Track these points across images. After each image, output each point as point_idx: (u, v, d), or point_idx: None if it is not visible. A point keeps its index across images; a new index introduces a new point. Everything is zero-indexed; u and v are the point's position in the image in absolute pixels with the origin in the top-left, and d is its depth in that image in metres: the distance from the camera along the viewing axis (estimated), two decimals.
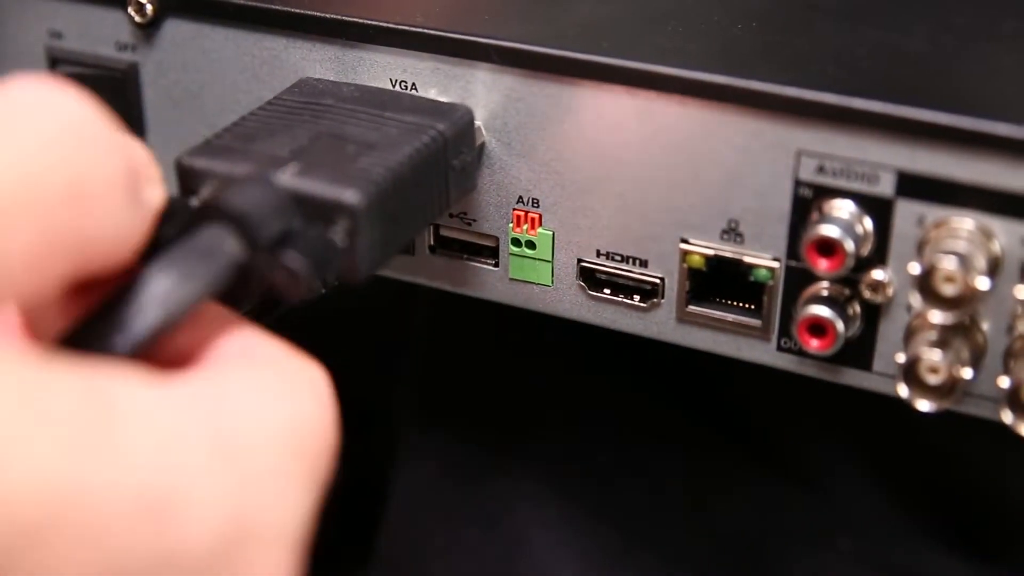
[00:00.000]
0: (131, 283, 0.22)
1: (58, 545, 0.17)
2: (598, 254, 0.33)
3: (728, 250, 0.31)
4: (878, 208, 0.29)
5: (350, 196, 0.27)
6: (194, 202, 0.26)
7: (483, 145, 0.33)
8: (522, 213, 0.33)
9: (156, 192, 0.23)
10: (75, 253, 0.20)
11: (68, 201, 0.20)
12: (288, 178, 0.27)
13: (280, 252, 0.24)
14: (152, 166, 0.24)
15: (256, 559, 0.19)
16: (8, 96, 0.21)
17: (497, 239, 0.34)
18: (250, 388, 0.21)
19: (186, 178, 0.28)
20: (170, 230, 0.24)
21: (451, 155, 0.31)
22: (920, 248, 0.29)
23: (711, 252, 0.32)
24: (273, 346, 0.23)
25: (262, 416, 0.21)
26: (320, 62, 0.34)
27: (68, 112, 0.21)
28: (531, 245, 0.34)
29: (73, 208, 0.20)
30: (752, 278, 0.31)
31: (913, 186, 0.29)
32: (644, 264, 0.33)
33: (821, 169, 0.30)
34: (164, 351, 0.22)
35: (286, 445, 0.21)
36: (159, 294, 0.22)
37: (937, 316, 0.29)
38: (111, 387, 0.19)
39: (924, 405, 0.30)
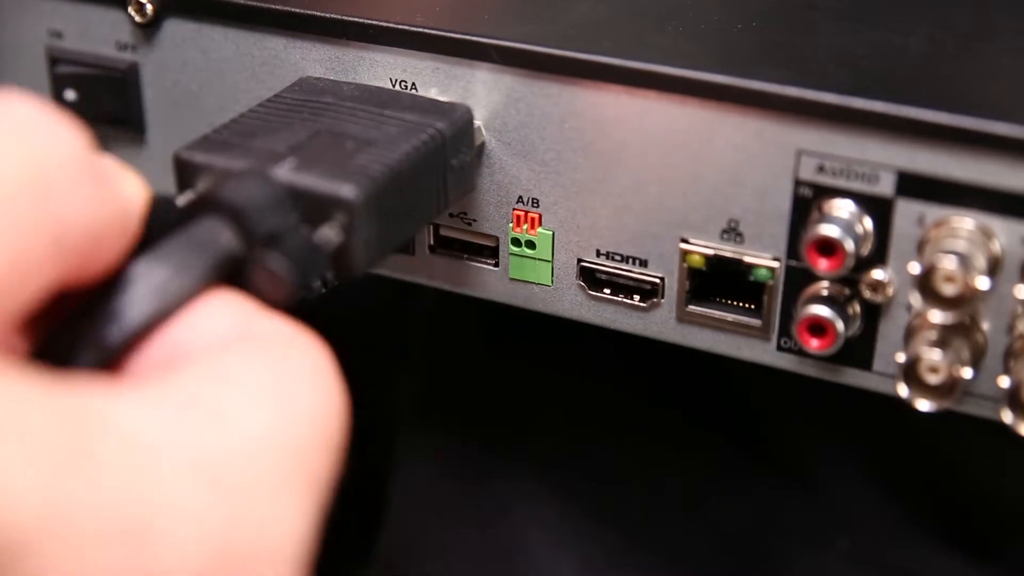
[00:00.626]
0: (123, 275, 0.22)
1: (31, 572, 0.16)
2: (598, 254, 0.33)
3: (728, 250, 0.31)
4: (878, 208, 0.29)
5: (347, 191, 0.27)
6: (183, 200, 0.26)
7: (483, 145, 0.33)
8: (522, 213, 0.33)
9: (135, 188, 0.22)
10: (54, 245, 0.20)
11: (31, 185, 0.20)
12: (285, 173, 0.27)
13: (265, 254, 0.24)
14: (123, 168, 0.23)
15: None
16: None
17: (497, 239, 0.34)
18: (238, 388, 0.20)
19: (184, 172, 0.28)
20: (162, 231, 0.23)
21: (450, 154, 0.31)
22: (920, 248, 0.29)
23: (711, 252, 0.32)
24: (267, 323, 0.22)
25: (251, 422, 0.20)
26: (320, 62, 0.34)
27: (20, 111, 0.21)
28: (531, 245, 0.34)
29: (39, 191, 0.20)
30: (752, 278, 0.31)
31: (913, 186, 0.29)
32: (644, 264, 0.33)
33: (821, 169, 0.30)
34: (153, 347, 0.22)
35: (280, 453, 0.20)
36: (155, 284, 0.22)
37: (937, 316, 0.29)
38: (88, 403, 0.18)
39: (924, 405, 0.30)
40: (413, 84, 0.33)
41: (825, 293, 0.30)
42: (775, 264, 0.31)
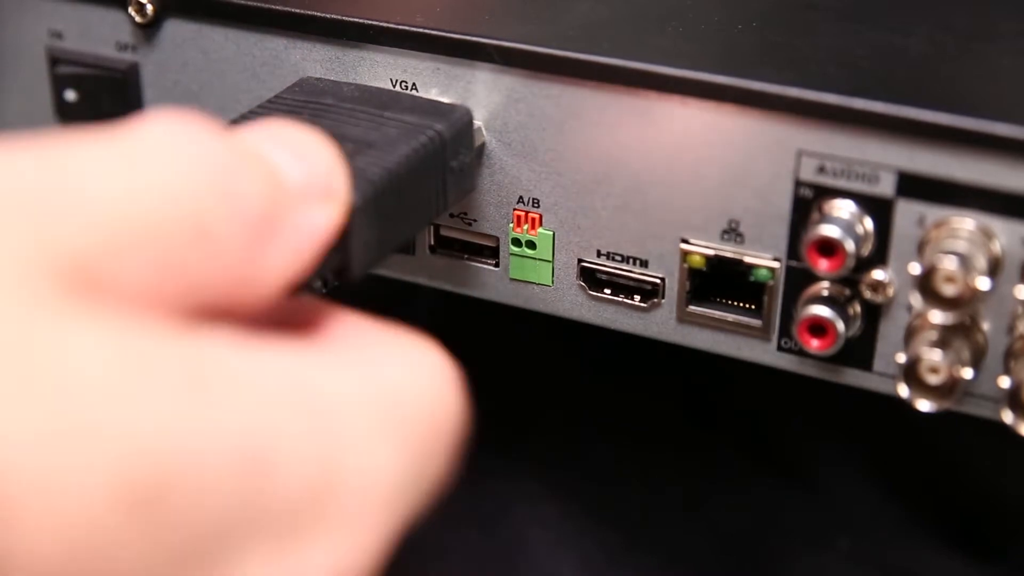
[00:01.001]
0: None
1: (163, 511, 0.17)
2: (598, 254, 0.33)
3: (728, 250, 0.31)
4: (878, 208, 0.29)
5: None
6: None
7: (483, 145, 0.33)
8: (522, 213, 0.33)
9: (315, 216, 0.22)
10: (193, 292, 0.20)
11: (186, 241, 0.20)
12: None
13: None
14: (322, 180, 0.23)
15: (346, 509, 0.20)
16: (140, 129, 0.20)
17: (497, 239, 0.34)
18: (350, 358, 0.21)
19: None
20: None
21: (449, 155, 0.31)
22: (920, 248, 0.29)
23: (711, 252, 0.32)
24: (384, 330, 0.23)
25: (356, 381, 0.21)
26: (320, 62, 0.34)
27: (198, 146, 0.20)
28: (531, 245, 0.34)
29: (192, 248, 0.20)
30: (752, 278, 0.31)
31: (913, 186, 0.29)
32: (644, 264, 0.33)
33: (822, 169, 0.30)
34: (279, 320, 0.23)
35: (380, 409, 0.21)
36: None
37: (937, 316, 0.29)
38: (208, 351, 0.19)
39: (924, 405, 0.30)
40: (413, 84, 0.33)
41: (825, 293, 0.30)
42: (775, 264, 0.31)
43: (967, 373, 0.29)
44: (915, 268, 0.28)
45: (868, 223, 0.30)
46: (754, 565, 0.42)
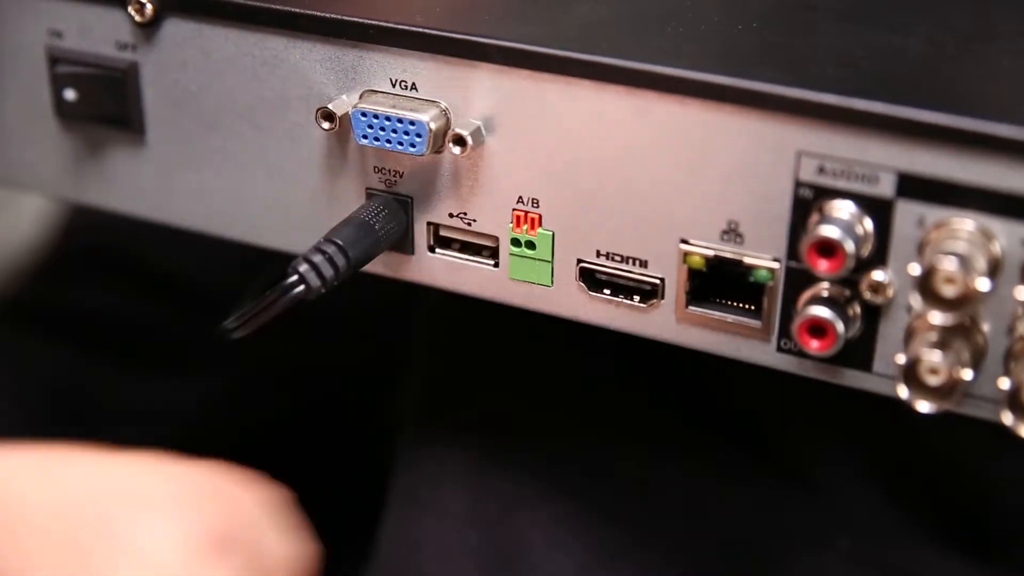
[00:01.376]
0: None
1: None
2: (598, 254, 0.33)
3: (728, 250, 0.31)
4: (878, 209, 0.29)
5: None
6: None
7: (483, 145, 0.33)
8: (522, 213, 0.33)
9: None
10: None
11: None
12: None
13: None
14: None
15: None
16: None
17: (497, 239, 0.34)
18: None
19: None
20: None
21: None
22: (920, 249, 0.29)
23: (711, 252, 0.32)
24: None
25: None
26: (320, 62, 0.34)
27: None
28: (531, 245, 0.34)
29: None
30: (752, 279, 0.31)
31: (913, 187, 0.29)
32: (644, 264, 0.33)
33: (821, 170, 0.30)
34: None
35: None
36: None
37: (937, 317, 0.29)
38: None
39: (924, 406, 0.30)
40: (413, 84, 0.33)
41: (825, 294, 0.30)
42: (775, 265, 0.31)
43: (967, 374, 0.29)
44: (915, 269, 0.28)
45: (868, 224, 0.30)
46: (754, 565, 0.42)
